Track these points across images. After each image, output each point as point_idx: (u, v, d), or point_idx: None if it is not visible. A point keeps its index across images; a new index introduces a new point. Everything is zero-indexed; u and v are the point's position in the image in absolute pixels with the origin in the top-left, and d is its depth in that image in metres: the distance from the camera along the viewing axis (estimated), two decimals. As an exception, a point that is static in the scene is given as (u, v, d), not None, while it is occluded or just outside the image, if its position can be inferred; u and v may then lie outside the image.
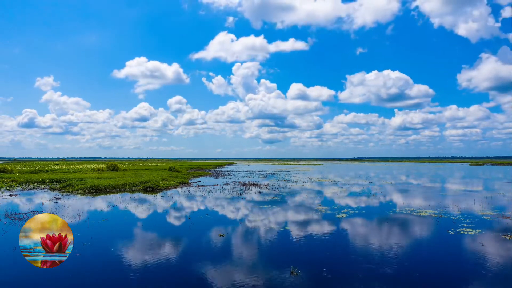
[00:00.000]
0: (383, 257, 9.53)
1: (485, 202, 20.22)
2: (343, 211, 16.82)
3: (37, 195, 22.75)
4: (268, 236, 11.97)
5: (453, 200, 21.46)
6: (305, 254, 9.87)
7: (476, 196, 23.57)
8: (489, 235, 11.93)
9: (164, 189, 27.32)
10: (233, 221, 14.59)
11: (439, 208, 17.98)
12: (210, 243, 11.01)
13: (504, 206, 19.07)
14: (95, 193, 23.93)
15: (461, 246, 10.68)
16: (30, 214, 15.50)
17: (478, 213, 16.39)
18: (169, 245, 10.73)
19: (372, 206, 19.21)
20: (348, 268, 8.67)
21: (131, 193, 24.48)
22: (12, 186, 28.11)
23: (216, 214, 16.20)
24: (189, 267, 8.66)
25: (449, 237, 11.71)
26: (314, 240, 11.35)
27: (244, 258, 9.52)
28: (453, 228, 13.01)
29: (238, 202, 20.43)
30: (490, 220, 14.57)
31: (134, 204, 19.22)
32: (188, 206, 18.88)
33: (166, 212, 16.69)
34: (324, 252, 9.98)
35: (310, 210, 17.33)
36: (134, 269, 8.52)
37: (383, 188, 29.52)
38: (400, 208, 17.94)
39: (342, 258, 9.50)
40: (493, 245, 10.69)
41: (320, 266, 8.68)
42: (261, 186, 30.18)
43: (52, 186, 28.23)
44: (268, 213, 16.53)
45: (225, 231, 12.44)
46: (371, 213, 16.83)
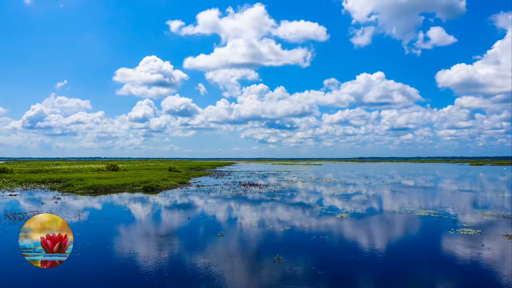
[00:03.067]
0: (383, 257, 9.54)
1: (485, 202, 20.22)
2: (343, 211, 16.82)
3: (37, 195, 22.74)
4: (268, 236, 11.97)
5: (453, 200, 21.45)
6: (305, 254, 9.87)
7: (476, 196, 23.58)
8: (489, 235, 11.93)
9: (164, 189, 27.31)
10: (233, 221, 14.58)
11: (439, 208, 17.98)
12: (210, 243, 11.01)
13: (504, 206, 19.07)
14: (95, 193, 23.93)
15: (461, 246, 10.67)
16: (30, 214, 15.50)
17: (478, 213, 16.39)
18: (169, 245, 10.72)
19: (372, 206, 19.20)
20: (348, 269, 8.68)
21: (131, 193, 24.47)
22: (12, 186, 28.10)
23: (216, 214, 16.19)
24: (189, 267, 8.66)
25: (449, 237, 11.71)
26: (314, 240, 11.35)
27: (244, 258, 9.52)
28: (453, 228, 13.00)
29: (238, 202, 20.43)
30: (490, 220, 14.57)
31: (134, 204, 19.22)
32: (188, 206, 18.89)
33: (166, 212, 16.69)
34: (324, 253, 9.98)
35: (310, 210, 17.33)
36: (134, 269, 8.52)
37: (382, 188, 29.52)
38: (399, 208, 17.94)
39: (342, 258, 9.50)
40: (493, 245, 10.69)
41: (321, 268, 8.68)
42: (261, 186, 30.18)
43: (52, 186, 28.22)
44: (268, 213, 16.52)
45: (224, 231, 12.44)
46: (370, 213, 16.83)
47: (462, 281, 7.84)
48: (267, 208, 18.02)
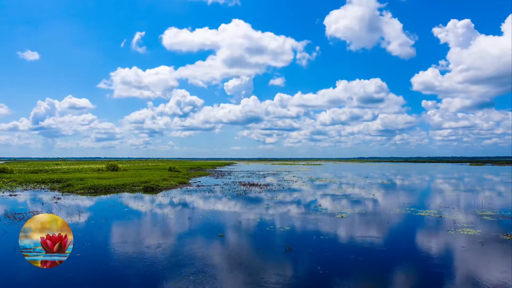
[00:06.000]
0: (383, 257, 9.55)
1: (485, 202, 20.22)
2: (343, 211, 16.82)
3: (37, 195, 22.74)
4: (268, 236, 11.97)
5: (453, 200, 21.45)
6: (306, 254, 9.87)
7: (476, 196, 23.57)
8: (489, 235, 11.92)
9: (164, 189, 27.31)
10: (233, 221, 14.58)
11: (439, 208, 17.98)
12: (210, 243, 11.00)
13: (504, 206, 19.08)
14: (95, 193, 23.93)
15: (461, 246, 10.67)
16: (30, 214, 15.50)
17: (478, 213, 16.39)
18: (169, 245, 10.72)
19: (371, 206, 19.20)
20: (348, 268, 8.69)
21: (131, 193, 24.47)
22: (12, 186, 28.09)
23: (216, 214, 16.19)
24: (189, 267, 8.65)
25: (449, 237, 11.71)
26: (315, 240, 11.35)
27: (244, 258, 9.52)
28: (453, 228, 13.00)
29: (238, 202, 20.43)
30: (490, 220, 14.57)
31: (134, 204, 19.21)
32: (188, 206, 18.88)
33: (166, 212, 16.69)
34: (325, 253, 9.98)
35: (310, 210, 17.33)
36: (134, 268, 8.52)
37: (382, 188, 29.51)
38: (399, 208, 17.94)
39: (342, 258, 9.50)
40: (493, 245, 10.69)
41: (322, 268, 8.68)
42: (261, 186, 30.18)
43: (52, 186, 28.22)
44: (268, 213, 16.52)
45: (224, 231, 12.44)
46: (370, 213, 16.83)
47: (462, 281, 7.83)
48: (267, 208, 18.02)
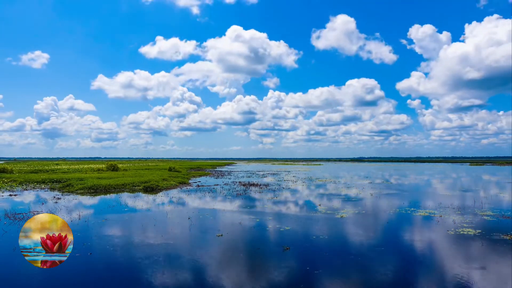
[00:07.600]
0: (383, 257, 9.54)
1: (485, 202, 20.22)
2: (343, 211, 16.82)
3: (37, 195, 22.74)
4: (268, 236, 11.97)
5: (453, 200, 21.45)
6: (305, 254, 9.88)
7: (476, 196, 23.57)
8: (489, 235, 11.92)
9: (164, 189, 27.31)
10: (233, 221, 14.58)
11: (439, 207, 17.98)
12: (209, 243, 11.00)
13: (504, 206, 19.08)
14: (95, 193, 23.93)
15: (461, 246, 10.67)
16: (30, 214, 15.50)
17: (478, 213, 16.38)
18: (169, 245, 10.72)
19: (371, 206, 19.20)
20: (348, 268, 8.69)
21: (131, 193, 24.46)
22: (12, 186, 28.09)
23: (216, 214, 16.19)
24: (189, 267, 8.66)
25: (449, 237, 11.71)
26: (314, 240, 11.35)
27: (243, 258, 9.52)
28: (453, 228, 13.00)
29: (238, 202, 20.43)
30: (490, 220, 14.57)
31: (134, 204, 19.21)
32: (188, 206, 18.88)
33: (166, 212, 16.69)
34: (324, 253, 9.99)
35: (310, 210, 17.33)
36: (134, 268, 8.52)
37: (382, 188, 29.51)
38: (399, 208, 17.94)
39: (342, 258, 9.50)
40: (493, 245, 10.69)
41: (322, 267, 8.68)
42: (261, 186, 30.19)
43: (52, 186, 28.22)
44: (268, 213, 16.52)
45: (224, 231, 12.43)
46: (370, 213, 16.83)
47: (462, 281, 7.83)
48: (267, 208, 18.02)
